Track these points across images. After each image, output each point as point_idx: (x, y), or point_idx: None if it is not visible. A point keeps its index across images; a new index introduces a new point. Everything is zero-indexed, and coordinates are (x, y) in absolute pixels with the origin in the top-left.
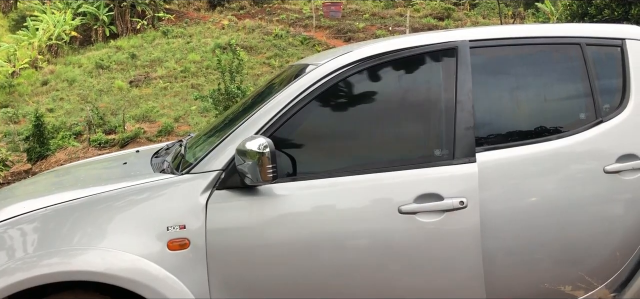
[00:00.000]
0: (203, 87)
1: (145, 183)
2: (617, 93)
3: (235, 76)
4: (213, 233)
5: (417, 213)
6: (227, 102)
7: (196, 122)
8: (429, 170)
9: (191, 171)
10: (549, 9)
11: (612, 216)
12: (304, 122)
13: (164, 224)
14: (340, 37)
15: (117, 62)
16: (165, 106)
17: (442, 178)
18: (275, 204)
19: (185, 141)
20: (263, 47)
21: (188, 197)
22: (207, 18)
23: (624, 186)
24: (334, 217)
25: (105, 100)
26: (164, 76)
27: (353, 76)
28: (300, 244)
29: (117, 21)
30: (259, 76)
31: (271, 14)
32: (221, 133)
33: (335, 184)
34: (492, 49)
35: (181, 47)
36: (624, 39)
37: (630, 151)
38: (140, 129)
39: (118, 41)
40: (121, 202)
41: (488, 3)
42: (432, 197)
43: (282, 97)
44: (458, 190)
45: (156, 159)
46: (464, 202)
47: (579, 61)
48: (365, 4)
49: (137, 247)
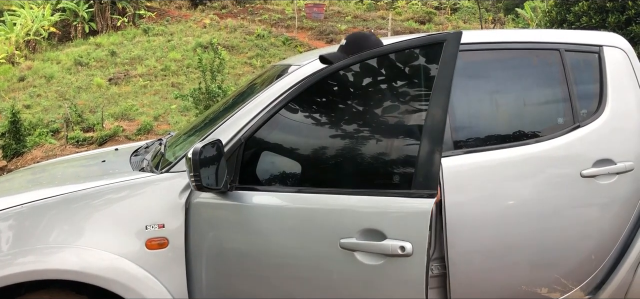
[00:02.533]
0: (183, 86)
1: (124, 181)
2: (594, 99)
3: (216, 75)
4: (192, 233)
5: (355, 251)
6: (208, 102)
7: (176, 121)
8: (381, 200)
9: (171, 170)
10: (529, 15)
11: (588, 219)
12: (285, 124)
13: (142, 223)
14: (323, 39)
15: (97, 59)
16: (145, 104)
17: (388, 213)
18: (238, 210)
19: (165, 140)
20: (245, 46)
21: (167, 197)
22: (189, 16)
23: (600, 191)
24: (280, 234)
25: (84, 97)
26: (144, 74)
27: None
28: (253, 253)
29: (97, 18)
30: (241, 75)
31: (253, 14)
32: (201, 132)
33: (292, 200)
34: (472, 53)
35: (162, 45)
36: (601, 46)
37: (606, 156)
38: (119, 127)
39: (98, 38)
40: (99, 200)
41: (469, 8)
42: (375, 234)
43: (264, 98)
44: (403, 231)
45: (135, 157)
46: (404, 249)
47: (558, 67)
48: (348, 6)
49: (115, 246)
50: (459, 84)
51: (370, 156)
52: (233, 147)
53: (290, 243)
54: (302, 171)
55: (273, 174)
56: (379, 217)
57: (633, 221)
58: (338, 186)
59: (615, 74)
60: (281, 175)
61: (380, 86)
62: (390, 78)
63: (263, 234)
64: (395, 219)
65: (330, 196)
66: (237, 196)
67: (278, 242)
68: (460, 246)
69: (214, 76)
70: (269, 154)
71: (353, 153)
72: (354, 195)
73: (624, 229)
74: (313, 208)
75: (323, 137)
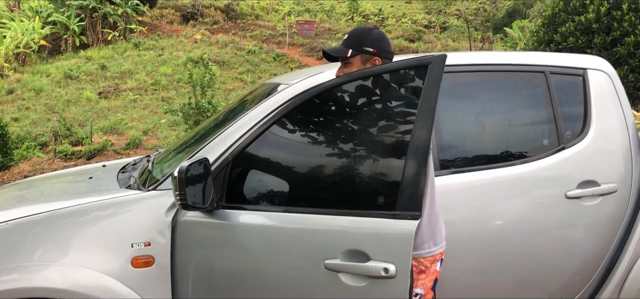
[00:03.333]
0: (173, 101)
1: (111, 199)
2: (578, 121)
3: (206, 90)
4: (178, 251)
5: (340, 272)
6: (198, 117)
7: (165, 135)
8: (366, 221)
9: (158, 188)
10: (517, 34)
11: (573, 240)
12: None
13: (128, 240)
14: (313, 55)
15: (87, 73)
16: (135, 118)
17: (373, 234)
18: (224, 229)
19: (153, 157)
20: (236, 62)
21: (154, 214)
22: (180, 31)
23: (585, 212)
24: (266, 253)
25: (73, 111)
26: (134, 88)
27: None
28: (239, 272)
29: (88, 31)
30: (231, 90)
31: (245, 30)
32: (189, 150)
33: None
34: (460, 74)
35: (152, 59)
36: (586, 69)
37: (590, 178)
38: (108, 141)
39: (88, 52)
40: (85, 217)
41: (458, 26)
42: (359, 255)
43: (253, 116)
44: (387, 253)
45: (123, 174)
46: (388, 270)
47: (543, 89)
48: (338, 23)
49: (100, 264)
50: (446, 105)
51: (355, 176)
52: (220, 166)
53: (276, 263)
54: (288, 190)
55: (260, 193)
56: (363, 238)
57: (617, 242)
58: (324, 206)
59: (599, 96)
60: (268, 194)
61: (366, 106)
62: (376, 99)
63: (249, 253)
64: (379, 240)
65: (316, 216)
66: (224, 214)
67: (264, 261)
68: (447, 266)
69: (204, 91)
70: (257, 172)
71: (339, 173)
72: (339, 215)
73: (608, 250)
74: (299, 228)
75: (310, 156)
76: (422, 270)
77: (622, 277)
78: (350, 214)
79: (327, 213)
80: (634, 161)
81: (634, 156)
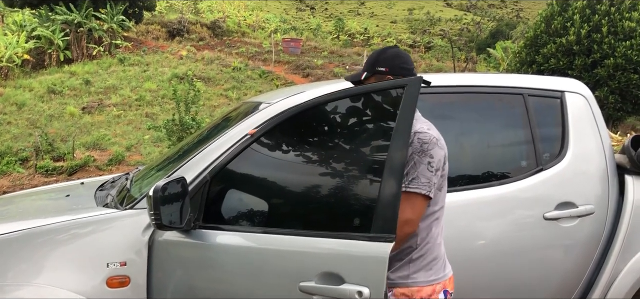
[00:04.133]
0: (158, 117)
1: (87, 217)
2: (556, 143)
3: (190, 106)
4: (155, 271)
5: (314, 295)
6: (181, 133)
7: (149, 151)
8: (341, 243)
9: (135, 207)
10: (500, 55)
11: (551, 261)
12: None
13: (104, 260)
14: (299, 73)
15: (71, 88)
16: (118, 134)
17: (348, 256)
18: (201, 249)
19: (132, 175)
20: (221, 79)
21: (130, 234)
22: (166, 48)
23: (563, 233)
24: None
25: (56, 126)
26: (118, 103)
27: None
28: (215, 293)
29: (72, 46)
30: (216, 107)
31: (231, 47)
32: (169, 167)
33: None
34: (439, 95)
35: (137, 75)
36: (563, 92)
37: (568, 199)
38: (90, 157)
39: (72, 66)
40: (60, 236)
41: (442, 46)
42: (333, 278)
43: (232, 135)
44: (361, 276)
45: (100, 192)
46: (361, 294)
47: (521, 110)
48: (324, 42)
49: (75, 283)
50: None
51: (332, 197)
52: (198, 185)
53: (252, 285)
54: (266, 210)
55: (238, 213)
56: (338, 260)
57: (594, 263)
58: (300, 227)
59: (577, 119)
60: (246, 214)
61: (343, 128)
62: (354, 120)
63: (226, 274)
64: (353, 263)
65: (292, 237)
66: (200, 235)
67: (240, 283)
68: None
69: (188, 107)
70: (235, 192)
71: (316, 194)
72: (315, 237)
73: (586, 271)
74: (275, 249)
75: (288, 176)
76: None
77: (600, 298)
78: (326, 236)
79: (303, 235)
80: (610, 183)
81: (611, 177)
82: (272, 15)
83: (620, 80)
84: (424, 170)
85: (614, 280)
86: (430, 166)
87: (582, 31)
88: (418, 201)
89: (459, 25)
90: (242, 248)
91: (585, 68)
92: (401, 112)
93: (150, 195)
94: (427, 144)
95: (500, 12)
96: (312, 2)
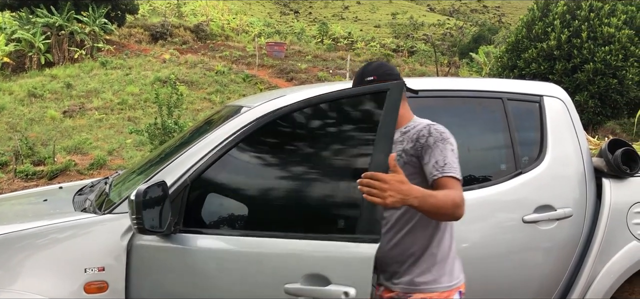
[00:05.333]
0: (140, 121)
1: (64, 222)
2: (535, 146)
3: (173, 110)
4: (133, 276)
5: (300, 296)
6: (164, 137)
7: (131, 156)
8: (326, 244)
9: (113, 211)
10: (483, 59)
11: (530, 264)
12: (232, 166)
13: (81, 265)
14: (283, 77)
15: (51, 91)
16: (100, 138)
17: (333, 258)
18: (181, 254)
19: (111, 179)
20: (204, 82)
21: (108, 239)
22: (148, 51)
23: (541, 236)
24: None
25: (36, 130)
26: (100, 107)
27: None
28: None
29: (53, 49)
30: (199, 111)
31: (214, 50)
32: (150, 171)
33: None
34: (420, 100)
35: (120, 78)
36: (542, 96)
37: (547, 202)
38: (71, 162)
39: (54, 70)
40: (37, 241)
41: (425, 51)
42: (319, 279)
43: (213, 138)
44: (347, 276)
45: (79, 196)
46: (348, 294)
47: (501, 114)
48: (308, 46)
49: (52, 290)
50: None
51: (315, 200)
52: (178, 189)
53: (235, 288)
54: (247, 213)
55: (219, 217)
56: (324, 262)
57: (573, 265)
58: (284, 230)
59: (555, 123)
60: (227, 218)
61: (326, 131)
62: (337, 124)
63: (208, 278)
64: (339, 264)
65: (276, 240)
66: (181, 239)
67: (222, 287)
68: None
69: (171, 111)
70: (215, 196)
71: (299, 197)
72: (299, 239)
73: (564, 274)
74: (258, 252)
75: (269, 180)
76: None
77: None
78: (310, 238)
79: (287, 237)
80: (588, 186)
81: (588, 181)
82: (256, 19)
83: (599, 85)
84: (451, 156)
85: (592, 282)
86: (454, 152)
87: (562, 36)
88: (458, 184)
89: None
90: (224, 251)
91: (566, 73)
92: (384, 116)
93: (132, 199)
94: (445, 133)
95: (483, 17)
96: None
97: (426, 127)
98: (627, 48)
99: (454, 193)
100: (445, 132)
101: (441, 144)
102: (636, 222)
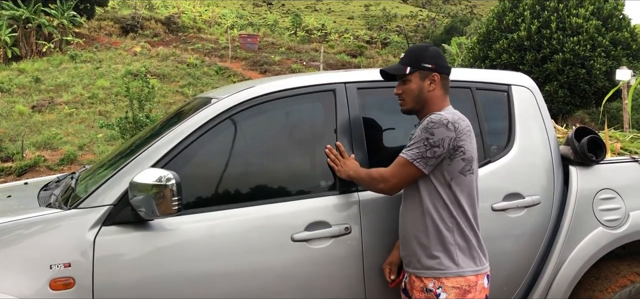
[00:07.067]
0: (111, 115)
1: (28, 218)
2: (503, 135)
3: (144, 104)
4: (101, 272)
5: (309, 241)
6: (135, 131)
7: (102, 150)
8: (317, 200)
9: (80, 206)
10: (455, 50)
11: (500, 251)
12: (203, 154)
13: (46, 262)
14: (256, 69)
15: (19, 86)
16: (70, 132)
17: (328, 207)
18: (168, 237)
19: (78, 174)
20: (177, 75)
21: (75, 234)
22: (119, 44)
23: (510, 223)
24: (226, 248)
25: (4, 125)
26: (70, 101)
27: (251, 111)
28: (193, 277)
29: (20, 43)
30: (172, 104)
31: (186, 43)
32: (116, 166)
33: (229, 215)
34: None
35: (90, 72)
36: (510, 85)
37: (515, 190)
38: (40, 157)
39: (21, 64)
40: (0, 238)
41: (398, 42)
42: (321, 224)
43: (182, 129)
44: (343, 217)
45: (44, 192)
46: (348, 229)
47: (469, 104)
48: (282, 38)
49: (15, 287)
50: (378, 120)
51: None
52: None
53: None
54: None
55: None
56: (323, 211)
57: (541, 252)
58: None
59: (523, 111)
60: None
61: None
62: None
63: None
64: (335, 210)
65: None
66: (162, 223)
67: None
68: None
69: (142, 104)
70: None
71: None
72: (296, 200)
73: (533, 260)
74: (264, 215)
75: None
76: (467, 290)
77: (547, 286)
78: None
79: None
80: (555, 174)
81: (556, 169)
82: (229, 11)
83: (568, 74)
84: (420, 144)
85: (560, 267)
86: (427, 141)
87: (532, 27)
88: (401, 163)
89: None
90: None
91: (536, 63)
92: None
93: (174, 182)
94: (433, 123)
95: (455, 9)
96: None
97: (428, 117)
98: (594, 38)
99: (385, 170)
100: (434, 123)
101: (420, 131)
102: (602, 208)
